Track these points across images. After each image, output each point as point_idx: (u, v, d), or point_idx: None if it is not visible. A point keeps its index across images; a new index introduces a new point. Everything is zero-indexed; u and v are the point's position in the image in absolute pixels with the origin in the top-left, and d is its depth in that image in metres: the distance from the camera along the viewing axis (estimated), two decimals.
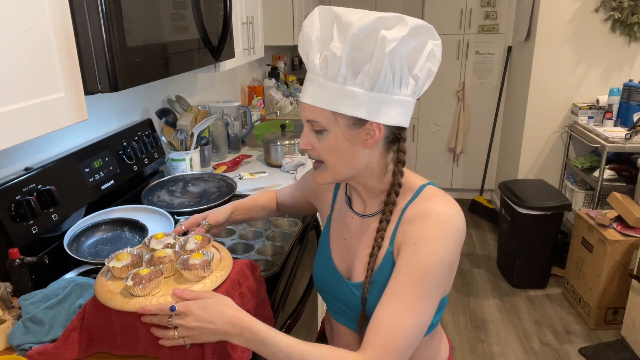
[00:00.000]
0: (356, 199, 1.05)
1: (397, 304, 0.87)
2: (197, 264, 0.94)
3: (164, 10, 1.27)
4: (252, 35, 2.24)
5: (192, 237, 1.05)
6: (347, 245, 1.05)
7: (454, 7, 4.01)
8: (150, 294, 0.89)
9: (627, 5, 3.09)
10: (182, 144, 1.87)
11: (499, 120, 4.21)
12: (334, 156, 0.92)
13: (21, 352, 0.95)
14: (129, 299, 0.88)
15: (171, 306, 0.84)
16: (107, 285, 0.92)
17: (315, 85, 0.88)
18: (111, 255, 0.98)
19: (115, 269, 0.94)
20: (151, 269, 0.91)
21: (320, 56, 0.87)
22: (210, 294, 0.89)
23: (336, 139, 0.89)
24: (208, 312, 0.84)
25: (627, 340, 2.48)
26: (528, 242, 3.02)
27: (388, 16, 0.83)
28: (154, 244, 1.03)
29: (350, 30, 0.82)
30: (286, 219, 1.59)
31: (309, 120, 0.91)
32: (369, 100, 0.86)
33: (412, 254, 0.89)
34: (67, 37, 0.96)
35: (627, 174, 2.97)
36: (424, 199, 0.94)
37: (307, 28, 0.89)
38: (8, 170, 1.24)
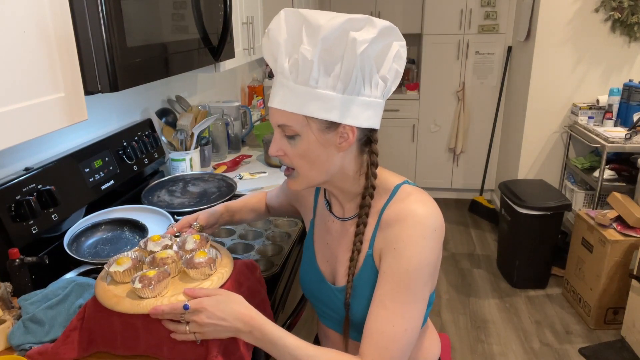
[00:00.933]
0: (335, 202, 1.04)
1: (385, 311, 0.87)
2: (202, 262, 0.94)
3: (164, 10, 1.27)
4: (252, 35, 2.24)
5: (190, 237, 1.04)
6: (330, 250, 1.04)
7: (454, 7, 4.01)
8: (160, 294, 0.89)
9: (627, 5, 3.09)
10: (182, 144, 1.87)
11: (499, 120, 4.21)
12: (307, 161, 0.90)
13: (21, 352, 0.95)
14: (139, 302, 0.87)
15: (184, 304, 0.84)
16: (110, 290, 0.92)
17: (285, 90, 0.87)
18: (110, 260, 0.97)
19: (118, 273, 0.93)
20: (158, 270, 0.91)
21: (290, 60, 0.85)
22: (221, 291, 0.89)
23: (309, 144, 0.88)
24: (220, 309, 0.84)
25: (627, 340, 2.48)
26: (528, 242, 3.02)
27: (357, 18, 0.82)
28: (152, 246, 1.03)
29: (319, 32, 0.81)
30: (286, 219, 1.59)
31: (280, 125, 0.89)
32: (341, 103, 0.85)
33: (393, 260, 0.89)
34: (67, 37, 0.96)
35: (627, 174, 2.97)
36: (399, 199, 0.93)
37: (274, 31, 0.87)
38: (8, 170, 1.24)
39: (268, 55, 0.91)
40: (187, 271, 0.94)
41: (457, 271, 3.36)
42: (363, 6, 4.28)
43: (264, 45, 0.91)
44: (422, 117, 4.34)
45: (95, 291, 0.93)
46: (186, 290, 0.88)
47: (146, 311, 0.86)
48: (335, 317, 1.03)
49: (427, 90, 4.25)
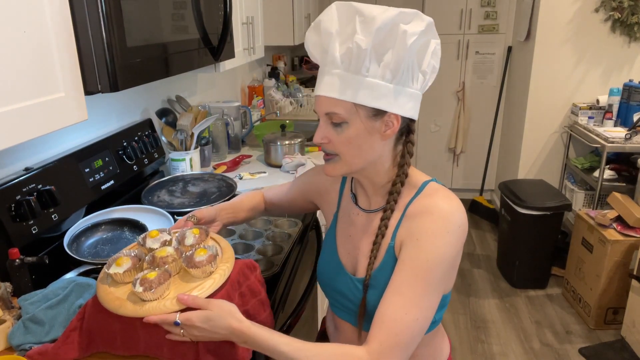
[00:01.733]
0: (361, 194, 1.06)
1: (400, 298, 0.88)
2: (203, 260, 0.92)
3: (164, 10, 1.27)
4: (252, 35, 2.24)
5: (190, 231, 1.02)
6: (352, 242, 1.06)
7: (454, 7, 4.01)
8: (161, 296, 0.88)
9: (627, 5, 3.09)
10: (182, 144, 1.87)
11: (499, 120, 4.21)
12: (351, 148, 0.93)
13: (21, 352, 0.95)
14: (141, 305, 0.86)
15: (175, 321, 0.84)
16: (112, 293, 0.90)
17: (335, 78, 0.90)
18: (109, 260, 0.95)
19: (118, 274, 0.91)
20: (158, 272, 0.89)
21: (342, 49, 0.89)
22: (212, 304, 0.86)
23: (356, 131, 0.91)
24: (211, 325, 0.85)
25: (627, 340, 2.48)
26: (528, 242, 3.02)
27: (407, 11, 0.87)
28: (150, 242, 1.00)
29: (374, 23, 0.85)
30: (286, 219, 1.59)
31: (328, 112, 0.91)
32: (389, 92, 0.89)
33: (414, 250, 0.91)
34: (67, 37, 0.96)
35: (627, 174, 2.97)
36: (426, 194, 0.96)
37: (326, 23, 0.90)
38: (8, 170, 1.24)
39: (315, 46, 0.94)
40: (188, 270, 0.93)
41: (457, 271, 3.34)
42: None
43: (310, 37, 0.94)
44: (422, 117, 4.34)
45: (97, 294, 0.92)
46: (179, 297, 0.86)
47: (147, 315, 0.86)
48: (353, 308, 1.04)
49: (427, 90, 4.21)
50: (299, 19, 3.21)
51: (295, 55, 4.55)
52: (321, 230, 1.79)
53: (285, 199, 1.28)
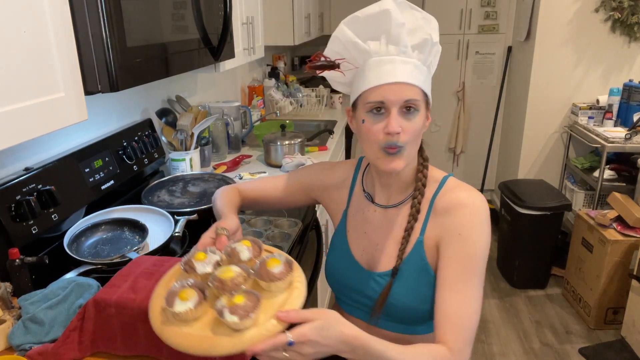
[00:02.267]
0: (381, 192, 1.06)
1: (459, 295, 0.92)
2: (282, 270, 0.83)
3: (164, 10, 1.27)
4: (252, 35, 2.24)
5: (240, 245, 0.89)
6: (368, 239, 1.06)
7: (454, 7, 4.01)
8: (257, 320, 0.76)
9: (627, 5, 3.09)
10: (182, 144, 1.87)
11: (499, 120, 4.21)
12: (416, 138, 0.96)
13: (21, 352, 0.95)
14: (239, 337, 0.74)
15: (289, 341, 0.74)
16: (191, 334, 0.76)
17: (410, 66, 0.93)
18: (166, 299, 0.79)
19: (190, 311, 0.77)
20: (244, 295, 0.77)
21: (415, 39, 0.94)
22: (318, 313, 0.78)
23: (421, 120, 0.96)
24: (324, 336, 0.76)
25: (627, 340, 2.48)
26: (528, 242, 3.01)
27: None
28: (201, 267, 0.86)
29: (433, 23, 0.96)
30: (286, 219, 1.59)
31: (408, 99, 0.92)
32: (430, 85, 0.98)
33: (459, 245, 0.94)
34: (67, 37, 0.96)
35: (627, 174, 2.97)
36: (451, 189, 0.99)
37: (395, 12, 0.93)
38: (8, 170, 1.24)
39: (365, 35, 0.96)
40: (267, 285, 0.81)
41: None
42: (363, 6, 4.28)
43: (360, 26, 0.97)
44: None
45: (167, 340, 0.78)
46: (280, 316, 0.77)
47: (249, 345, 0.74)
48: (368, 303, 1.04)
49: None
50: (299, 19, 3.20)
51: (295, 55, 4.55)
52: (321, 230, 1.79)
53: (275, 194, 1.22)
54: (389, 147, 0.93)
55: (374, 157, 0.96)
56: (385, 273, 1.01)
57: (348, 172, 1.15)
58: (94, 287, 1.05)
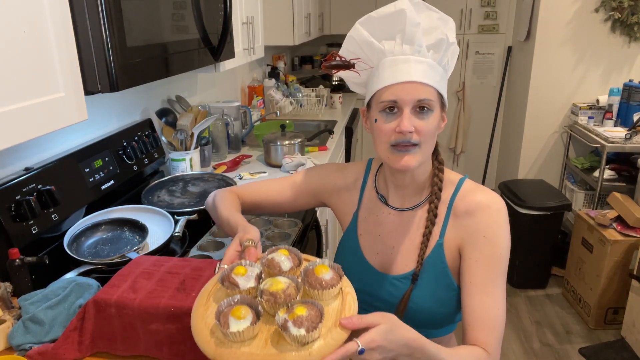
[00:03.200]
0: (395, 194, 1.05)
1: (489, 297, 0.93)
2: (333, 277, 0.80)
3: (164, 10, 1.27)
4: (252, 35, 2.24)
5: (278, 254, 0.85)
6: (382, 241, 1.05)
7: (454, 7, 4.01)
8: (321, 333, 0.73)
9: (627, 5, 3.09)
10: (182, 144, 1.87)
11: (499, 120, 4.21)
12: (432, 137, 0.96)
13: (21, 352, 0.95)
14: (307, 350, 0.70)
15: (360, 349, 0.72)
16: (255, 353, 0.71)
17: (425, 66, 0.93)
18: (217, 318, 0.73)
19: (249, 329, 0.72)
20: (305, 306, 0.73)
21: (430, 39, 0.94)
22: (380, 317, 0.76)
23: (436, 120, 0.95)
24: (390, 340, 0.75)
25: (627, 340, 2.48)
26: (528, 242, 3.01)
27: None
28: (244, 282, 0.80)
29: (450, 23, 0.96)
30: (286, 219, 1.59)
31: (422, 99, 0.92)
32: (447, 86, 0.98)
33: (485, 247, 0.94)
34: (67, 37, 0.96)
35: (627, 174, 2.97)
36: (469, 191, 0.99)
37: (411, 12, 0.93)
38: (8, 170, 1.24)
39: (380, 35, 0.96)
40: (319, 294, 0.78)
41: None
42: (363, 6, 4.28)
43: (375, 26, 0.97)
44: None
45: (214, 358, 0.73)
46: (343, 323, 0.74)
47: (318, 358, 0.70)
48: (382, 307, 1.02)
49: None
50: (299, 19, 3.21)
51: (295, 55, 4.55)
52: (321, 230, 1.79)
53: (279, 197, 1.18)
54: (400, 144, 0.92)
55: (385, 156, 0.96)
56: (402, 276, 1.00)
57: (358, 173, 1.13)
58: (94, 287, 1.05)
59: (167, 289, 0.95)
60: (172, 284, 0.96)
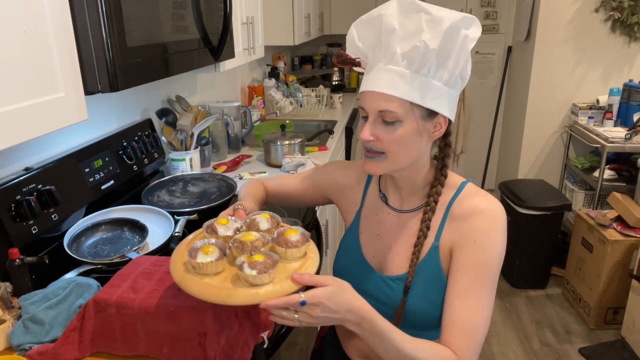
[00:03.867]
0: (393, 194, 1.06)
1: (471, 303, 0.91)
2: (299, 239, 0.88)
3: (164, 10, 1.27)
4: (252, 35, 2.24)
5: (260, 216, 0.96)
6: (381, 241, 1.05)
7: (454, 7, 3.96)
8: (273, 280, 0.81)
9: (627, 5, 3.09)
10: (182, 144, 1.87)
11: (499, 120, 4.21)
12: (401, 147, 0.92)
13: (21, 352, 0.95)
14: (256, 290, 0.79)
15: (302, 301, 0.79)
16: (211, 284, 0.81)
17: (393, 75, 0.89)
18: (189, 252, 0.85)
19: (211, 263, 0.82)
20: (263, 255, 0.82)
21: (405, 46, 0.88)
22: (331, 279, 0.83)
23: (409, 131, 0.91)
24: (335, 302, 0.81)
25: (627, 340, 2.48)
26: (528, 242, 3.01)
27: (469, 16, 0.90)
28: (223, 230, 0.92)
29: (443, 24, 0.86)
30: (286, 218, 1.59)
31: (382, 110, 0.90)
32: (443, 94, 0.90)
33: (474, 252, 0.93)
34: (67, 37, 0.96)
35: (627, 174, 2.97)
36: (468, 195, 0.97)
37: (389, 17, 0.89)
38: (8, 170, 1.24)
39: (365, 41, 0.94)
40: (283, 252, 0.86)
41: None
42: (363, 6, 4.28)
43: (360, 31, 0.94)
44: None
45: (187, 289, 0.82)
46: (294, 276, 0.81)
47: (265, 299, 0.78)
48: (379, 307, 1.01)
49: None
50: (299, 19, 3.21)
51: (295, 55, 4.55)
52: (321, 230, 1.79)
53: (293, 190, 1.24)
54: (367, 150, 0.96)
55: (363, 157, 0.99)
56: (397, 277, 1.00)
57: (363, 172, 1.14)
58: (94, 287, 1.05)
59: (167, 289, 0.95)
60: (172, 284, 0.96)
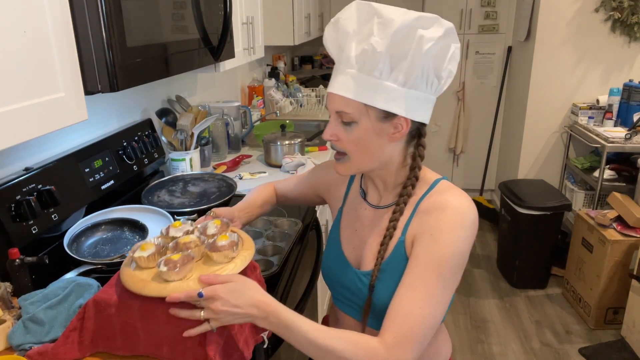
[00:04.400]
0: (372, 191, 1.07)
1: (414, 293, 0.89)
2: (225, 245, 0.94)
3: (164, 10, 1.27)
4: (252, 35, 2.24)
5: (211, 222, 1.04)
6: (358, 236, 1.06)
7: (454, 7, 4.01)
8: (185, 277, 0.89)
9: (627, 5, 3.09)
10: (182, 144, 1.87)
11: (499, 120, 4.21)
12: (359, 148, 0.94)
13: (21, 352, 0.95)
14: (165, 285, 0.88)
15: (199, 292, 0.84)
16: (136, 275, 0.92)
17: (348, 78, 0.90)
18: (133, 247, 0.97)
19: (142, 258, 0.93)
20: (182, 254, 0.91)
21: (357, 49, 0.89)
22: (237, 277, 0.88)
23: (364, 131, 0.92)
24: (234, 297, 0.84)
25: (627, 340, 2.48)
26: (528, 242, 3.02)
27: (427, 16, 0.87)
28: (174, 232, 1.03)
29: (391, 26, 0.85)
30: (286, 218, 1.59)
31: (338, 111, 0.92)
32: (401, 96, 0.89)
33: (428, 245, 0.91)
34: (67, 37, 0.96)
35: (627, 174, 2.97)
36: (438, 191, 0.97)
37: (344, 21, 0.90)
38: (8, 170, 1.24)
39: (332, 44, 0.95)
40: (210, 254, 0.94)
41: None
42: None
43: (329, 34, 0.95)
44: None
45: (121, 278, 0.93)
46: (201, 277, 0.88)
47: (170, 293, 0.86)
48: (356, 301, 1.04)
49: None
50: (299, 19, 3.21)
51: (295, 55, 4.55)
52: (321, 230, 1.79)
53: (296, 191, 1.29)
54: (335, 152, 0.98)
55: None
56: (368, 273, 1.01)
57: None
58: (94, 287, 1.05)
59: None
60: None
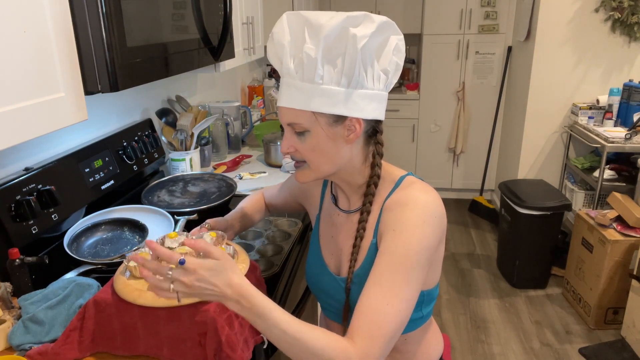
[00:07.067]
0: (341, 196, 1.07)
1: (380, 289, 0.87)
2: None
3: (164, 10, 1.27)
4: (252, 35, 2.24)
5: (207, 234, 1.04)
6: (335, 243, 1.07)
7: (454, 7, 4.01)
8: None
9: (627, 5, 3.09)
10: (182, 144, 1.87)
11: (499, 120, 4.21)
12: (317, 155, 0.93)
13: (21, 352, 0.95)
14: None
15: (180, 259, 0.79)
16: (131, 284, 0.94)
17: (292, 89, 0.90)
18: (129, 255, 0.96)
19: (136, 268, 0.95)
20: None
21: (295, 60, 0.89)
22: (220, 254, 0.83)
23: (318, 138, 0.91)
24: (212, 274, 0.80)
25: (627, 340, 2.48)
26: (528, 242, 3.02)
27: (355, 15, 0.86)
28: (169, 242, 1.02)
29: (321, 31, 0.85)
30: (286, 219, 1.59)
31: (289, 123, 0.93)
32: (346, 97, 0.89)
33: (392, 241, 0.90)
34: (67, 37, 0.96)
35: (627, 174, 2.97)
36: (402, 187, 0.97)
37: (278, 34, 0.90)
38: (8, 170, 1.24)
39: (274, 58, 0.95)
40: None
41: (457, 271, 3.36)
42: (363, 6, 4.28)
43: (269, 49, 0.95)
44: (422, 117, 4.34)
45: (114, 286, 0.95)
46: (186, 241, 0.85)
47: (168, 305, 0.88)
48: (338, 307, 1.05)
49: (427, 90, 4.25)
50: None
51: None
52: None
53: (279, 199, 1.30)
54: (295, 161, 0.98)
55: None
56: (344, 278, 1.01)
57: None
58: (94, 287, 1.05)
59: None
60: None
